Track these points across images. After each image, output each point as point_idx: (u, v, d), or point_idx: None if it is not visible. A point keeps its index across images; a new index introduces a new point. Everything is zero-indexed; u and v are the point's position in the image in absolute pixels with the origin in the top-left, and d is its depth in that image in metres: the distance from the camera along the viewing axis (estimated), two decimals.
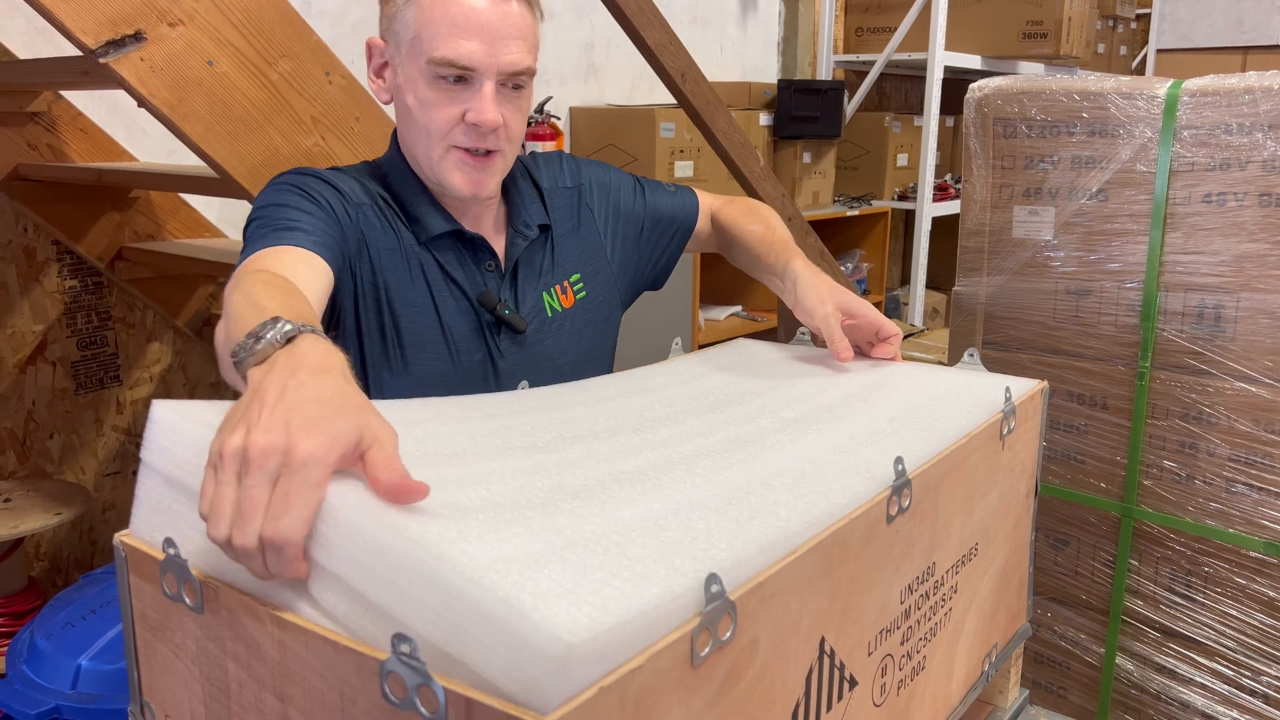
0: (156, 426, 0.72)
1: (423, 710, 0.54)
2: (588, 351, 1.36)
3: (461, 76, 1.14)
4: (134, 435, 2.66)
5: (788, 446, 0.90)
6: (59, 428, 2.49)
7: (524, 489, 0.73)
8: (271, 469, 0.61)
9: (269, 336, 0.73)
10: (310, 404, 0.65)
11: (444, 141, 1.17)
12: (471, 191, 1.20)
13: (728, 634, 0.65)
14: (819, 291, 1.23)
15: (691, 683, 0.62)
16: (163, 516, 0.71)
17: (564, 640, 0.52)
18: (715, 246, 1.49)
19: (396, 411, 0.76)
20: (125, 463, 2.65)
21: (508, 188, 1.31)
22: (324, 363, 0.71)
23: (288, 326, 0.74)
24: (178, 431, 0.71)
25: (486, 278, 1.27)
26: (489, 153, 1.19)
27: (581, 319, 1.35)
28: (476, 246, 1.26)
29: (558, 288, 1.33)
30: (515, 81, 1.18)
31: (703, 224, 1.48)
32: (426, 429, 0.85)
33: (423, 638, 0.56)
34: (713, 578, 0.64)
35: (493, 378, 1.26)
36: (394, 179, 1.25)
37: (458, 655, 0.55)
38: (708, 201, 1.49)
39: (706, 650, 0.63)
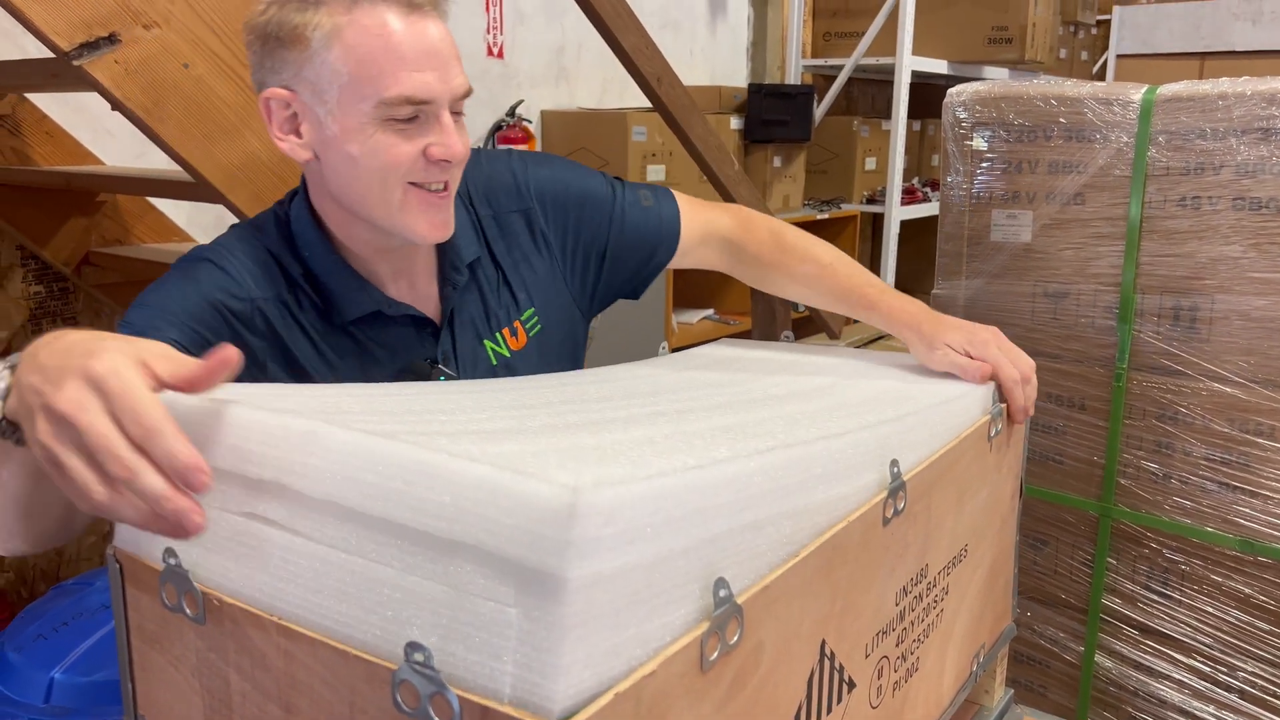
0: None
1: None
2: None
3: (415, 113, 1.00)
4: None
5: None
6: None
7: (507, 425, 0.74)
8: (95, 408, 0.59)
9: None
10: (70, 347, 0.63)
11: (403, 181, 1.02)
12: (439, 235, 1.07)
13: (735, 637, 0.65)
14: (924, 338, 1.15)
15: (701, 687, 0.62)
16: None
17: (570, 488, 0.52)
18: (719, 268, 1.34)
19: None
20: None
21: None
22: (58, 335, 0.66)
23: (11, 357, 0.68)
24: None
25: (422, 340, 1.14)
26: (444, 186, 1.06)
27: (539, 354, 1.22)
28: (405, 317, 1.13)
29: (505, 330, 1.19)
30: (459, 106, 1.05)
31: (699, 252, 1.31)
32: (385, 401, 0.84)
33: (429, 534, 0.56)
34: (720, 582, 0.64)
35: None
36: (305, 248, 1.09)
37: (467, 540, 0.55)
38: (700, 219, 1.30)
39: (715, 654, 0.63)
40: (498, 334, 1.18)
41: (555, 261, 1.23)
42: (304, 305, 1.08)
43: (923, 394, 1.04)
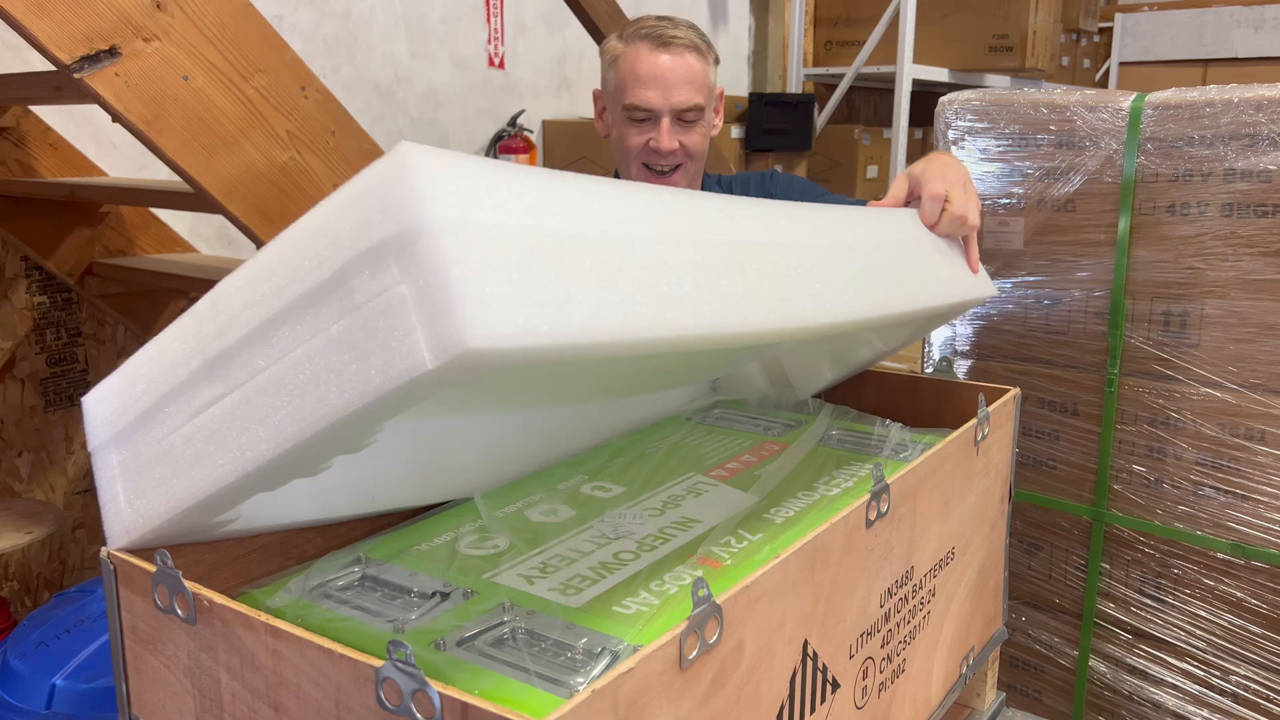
0: (91, 411, 0.76)
1: (418, 716, 0.55)
2: None
3: (645, 116, 1.48)
4: None
5: None
6: (28, 446, 2.47)
7: None
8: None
9: None
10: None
11: (637, 161, 1.51)
12: None
13: (714, 637, 0.66)
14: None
15: (680, 685, 0.63)
16: (125, 481, 0.73)
17: (403, 150, 0.58)
18: None
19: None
20: None
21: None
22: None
23: None
24: (107, 398, 0.75)
25: None
26: (674, 169, 1.51)
27: None
28: None
29: None
30: (686, 116, 1.48)
31: None
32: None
33: (325, 282, 0.60)
34: (699, 582, 0.65)
35: None
36: None
37: (350, 256, 0.59)
38: None
39: (694, 653, 0.64)
40: None
41: None
42: None
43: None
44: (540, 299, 0.58)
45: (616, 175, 1.62)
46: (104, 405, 0.75)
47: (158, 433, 0.70)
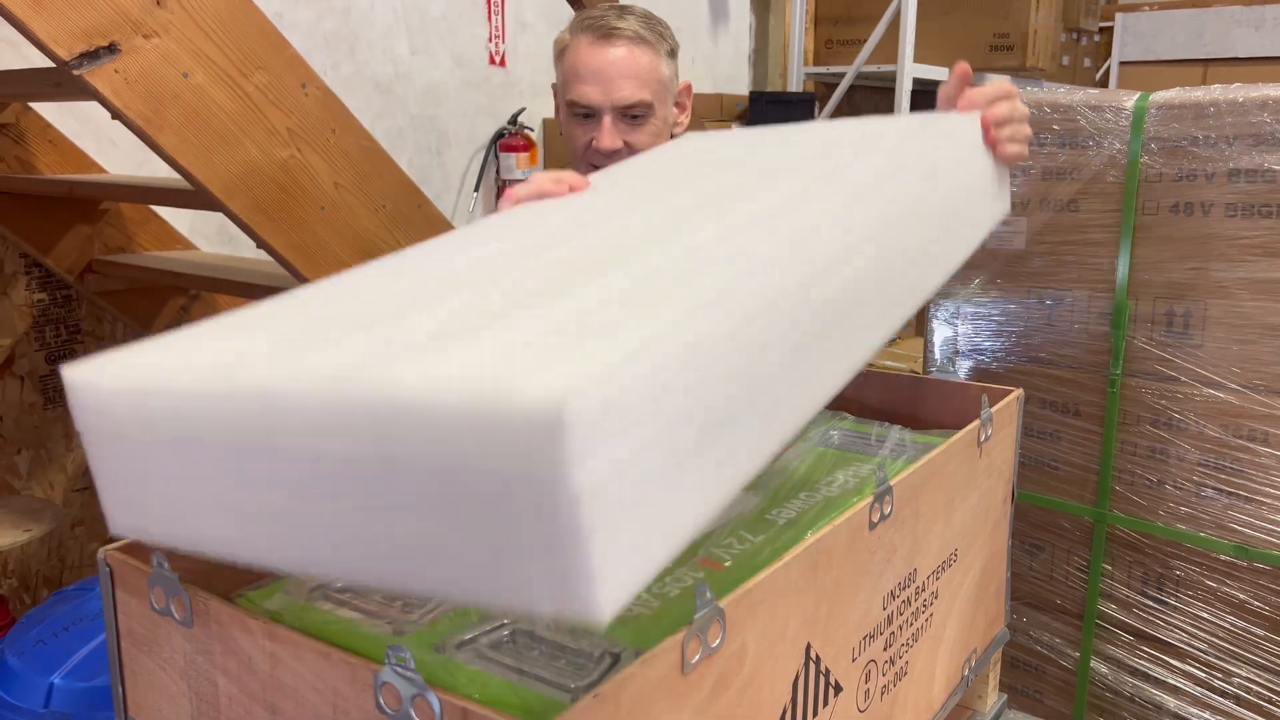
0: (78, 391, 0.60)
1: None
2: None
3: (587, 113, 1.39)
4: None
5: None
6: (27, 443, 2.46)
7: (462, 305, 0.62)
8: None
9: None
10: None
11: (584, 161, 1.42)
12: None
13: (717, 641, 0.65)
14: None
15: (682, 690, 0.63)
16: (125, 482, 0.61)
17: (553, 395, 0.43)
18: None
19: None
20: None
21: None
22: None
23: None
24: (97, 382, 0.59)
25: None
26: None
27: None
28: None
29: None
30: (632, 112, 1.38)
31: None
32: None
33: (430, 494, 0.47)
34: (701, 585, 0.64)
35: None
36: None
37: (467, 484, 0.46)
38: None
39: (697, 657, 0.63)
40: None
41: None
42: None
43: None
44: (663, 521, 0.50)
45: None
46: (95, 389, 0.59)
47: (161, 458, 0.57)
